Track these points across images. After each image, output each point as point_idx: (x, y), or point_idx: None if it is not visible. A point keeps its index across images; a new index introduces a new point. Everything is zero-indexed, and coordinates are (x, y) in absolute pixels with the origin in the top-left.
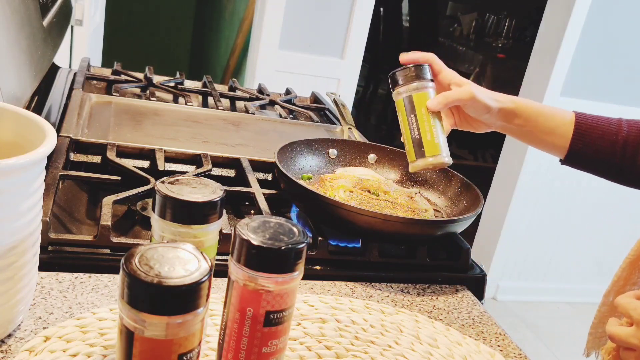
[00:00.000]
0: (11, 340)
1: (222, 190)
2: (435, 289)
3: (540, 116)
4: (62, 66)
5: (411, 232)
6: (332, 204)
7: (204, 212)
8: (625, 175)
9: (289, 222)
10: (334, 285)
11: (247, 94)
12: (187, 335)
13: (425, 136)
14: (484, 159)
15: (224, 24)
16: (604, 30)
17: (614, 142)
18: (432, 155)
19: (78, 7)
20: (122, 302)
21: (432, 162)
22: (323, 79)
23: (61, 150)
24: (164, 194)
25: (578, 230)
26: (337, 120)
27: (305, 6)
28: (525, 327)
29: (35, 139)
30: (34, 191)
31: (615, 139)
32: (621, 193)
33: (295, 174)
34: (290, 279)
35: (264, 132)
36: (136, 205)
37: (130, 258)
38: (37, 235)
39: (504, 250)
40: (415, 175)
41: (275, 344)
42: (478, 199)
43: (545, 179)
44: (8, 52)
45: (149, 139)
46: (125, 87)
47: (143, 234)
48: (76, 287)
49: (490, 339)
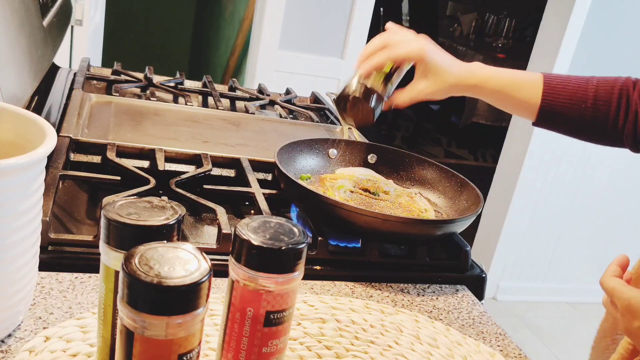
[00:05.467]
0: (11, 340)
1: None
2: (435, 289)
3: (507, 88)
4: (62, 66)
5: (411, 232)
6: (332, 204)
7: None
8: (598, 132)
9: (289, 222)
10: (334, 285)
11: (247, 94)
12: (187, 335)
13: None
14: (484, 159)
15: (224, 24)
16: (604, 31)
17: (584, 98)
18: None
19: (78, 7)
20: (121, 302)
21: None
22: (323, 79)
23: (61, 150)
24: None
25: (578, 230)
26: (337, 120)
27: (305, 6)
28: (525, 327)
29: (35, 139)
30: (34, 191)
31: (585, 95)
32: (621, 193)
33: (295, 174)
34: (291, 279)
35: (264, 132)
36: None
37: (130, 258)
38: (37, 235)
39: (504, 250)
40: (415, 175)
41: (275, 344)
42: (478, 199)
43: (545, 179)
44: (8, 52)
45: (149, 139)
46: (125, 87)
47: None
48: (76, 287)
49: (490, 339)
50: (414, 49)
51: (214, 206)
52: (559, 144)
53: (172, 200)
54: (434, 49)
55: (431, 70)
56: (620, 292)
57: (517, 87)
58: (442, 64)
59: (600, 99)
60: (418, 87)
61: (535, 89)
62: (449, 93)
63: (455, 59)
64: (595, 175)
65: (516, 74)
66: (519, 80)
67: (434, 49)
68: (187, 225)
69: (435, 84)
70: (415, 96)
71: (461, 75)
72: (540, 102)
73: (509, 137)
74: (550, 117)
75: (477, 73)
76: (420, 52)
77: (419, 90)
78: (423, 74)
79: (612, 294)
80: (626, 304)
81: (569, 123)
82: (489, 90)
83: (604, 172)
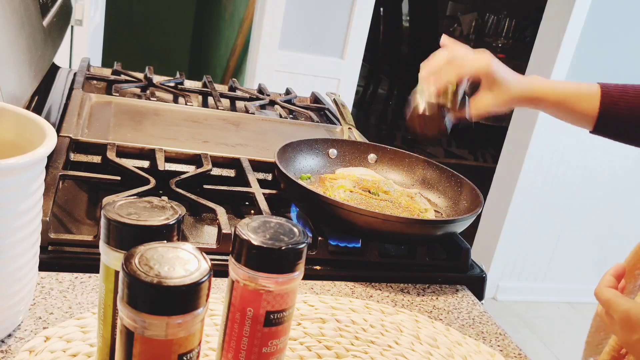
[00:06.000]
0: (11, 340)
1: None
2: (435, 289)
3: (567, 100)
4: (62, 66)
5: (411, 232)
6: (332, 204)
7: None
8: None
9: (289, 222)
10: (334, 285)
11: (247, 94)
12: (187, 335)
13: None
14: (484, 159)
15: (224, 24)
16: (604, 31)
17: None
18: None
19: (78, 7)
20: (121, 302)
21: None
22: (323, 79)
23: (61, 150)
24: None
25: (578, 230)
26: (337, 120)
27: (305, 6)
28: (525, 327)
29: (35, 139)
30: (34, 191)
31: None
32: (621, 193)
33: (295, 174)
34: (291, 279)
35: (264, 132)
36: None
37: (130, 258)
38: (37, 235)
39: (504, 250)
40: (415, 175)
41: (275, 344)
42: (478, 199)
43: (545, 179)
44: (8, 52)
45: (149, 139)
46: (125, 87)
47: None
48: (76, 287)
49: (490, 339)
50: (482, 65)
51: (214, 206)
52: (558, 144)
53: (172, 200)
54: (498, 63)
55: (496, 84)
56: (617, 304)
57: (577, 99)
58: (507, 77)
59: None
60: (484, 100)
61: (594, 100)
62: (512, 105)
63: (516, 73)
64: (595, 175)
65: (574, 85)
66: (577, 91)
67: (498, 63)
68: (187, 225)
69: (500, 96)
70: (483, 109)
71: (523, 87)
72: (598, 112)
73: (509, 137)
74: (608, 127)
75: (538, 85)
76: (487, 67)
77: (485, 104)
78: (489, 87)
79: (609, 306)
80: (624, 316)
81: (628, 132)
82: (548, 102)
83: (604, 172)
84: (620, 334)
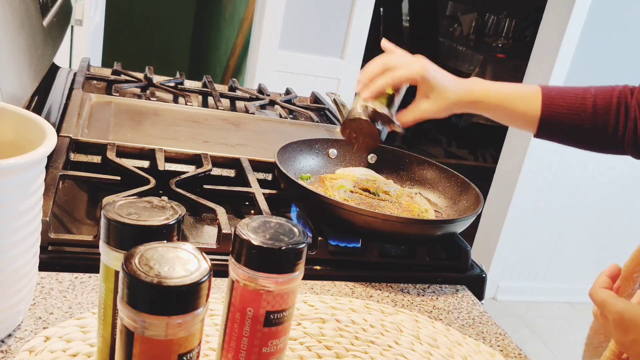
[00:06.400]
0: (11, 340)
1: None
2: (435, 289)
3: (505, 101)
4: (62, 66)
5: (411, 232)
6: (332, 204)
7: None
8: (599, 141)
9: (289, 222)
10: (334, 285)
11: (247, 94)
12: (187, 335)
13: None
14: (484, 159)
15: (224, 24)
16: (604, 30)
17: (583, 108)
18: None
19: (78, 7)
20: (121, 302)
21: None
22: (323, 79)
23: (61, 150)
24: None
25: (578, 230)
26: (337, 120)
27: (305, 6)
28: (525, 327)
29: (35, 139)
30: (34, 191)
31: (583, 104)
32: (621, 193)
33: (295, 174)
34: (291, 279)
35: (264, 132)
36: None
37: (130, 258)
38: (37, 235)
39: (504, 250)
40: (415, 175)
41: (275, 344)
42: (478, 199)
43: (545, 179)
44: (8, 52)
45: (149, 139)
46: (125, 87)
47: None
48: (76, 287)
49: (490, 339)
50: (415, 71)
51: (214, 206)
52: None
53: (172, 200)
54: (434, 68)
55: (432, 90)
56: (611, 304)
57: (516, 100)
58: (443, 82)
59: (599, 107)
60: (421, 107)
61: (534, 102)
62: (451, 111)
63: (454, 76)
64: (595, 175)
65: (513, 87)
66: (517, 93)
67: (434, 68)
68: (187, 225)
69: (437, 102)
70: (419, 116)
71: (460, 92)
72: (540, 113)
73: (509, 137)
74: (550, 128)
75: (476, 89)
76: (421, 73)
77: (422, 110)
78: (424, 94)
79: (603, 307)
80: (618, 317)
81: (570, 133)
82: (488, 105)
83: (604, 172)
84: (615, 335)
